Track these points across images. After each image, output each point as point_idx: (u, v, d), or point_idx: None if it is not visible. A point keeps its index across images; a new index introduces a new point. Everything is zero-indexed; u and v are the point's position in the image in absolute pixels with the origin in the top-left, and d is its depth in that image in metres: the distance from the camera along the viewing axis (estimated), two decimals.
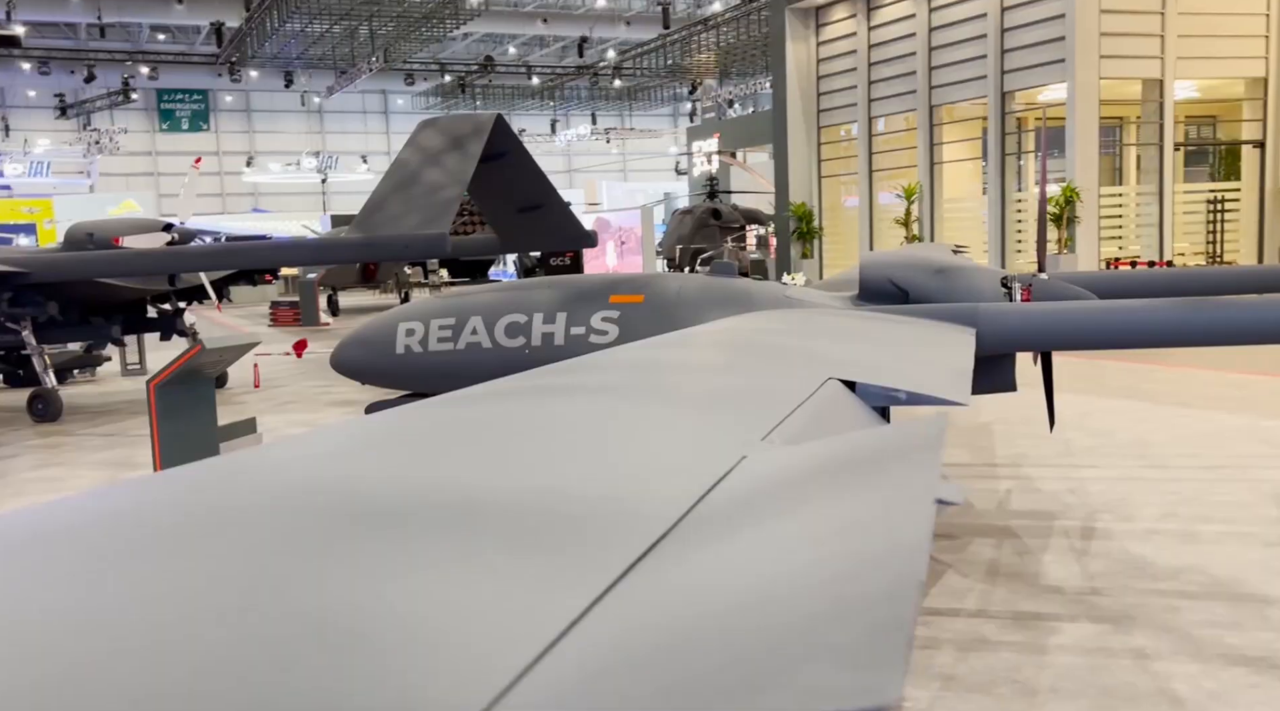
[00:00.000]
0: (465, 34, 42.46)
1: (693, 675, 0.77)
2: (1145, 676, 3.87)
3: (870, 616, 0.85)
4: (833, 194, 25.21)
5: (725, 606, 0.94)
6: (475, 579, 1.00)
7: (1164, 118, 18.94)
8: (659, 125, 58.19)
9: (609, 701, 0.72)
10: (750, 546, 1.10)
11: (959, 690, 3.80)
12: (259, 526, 1.15)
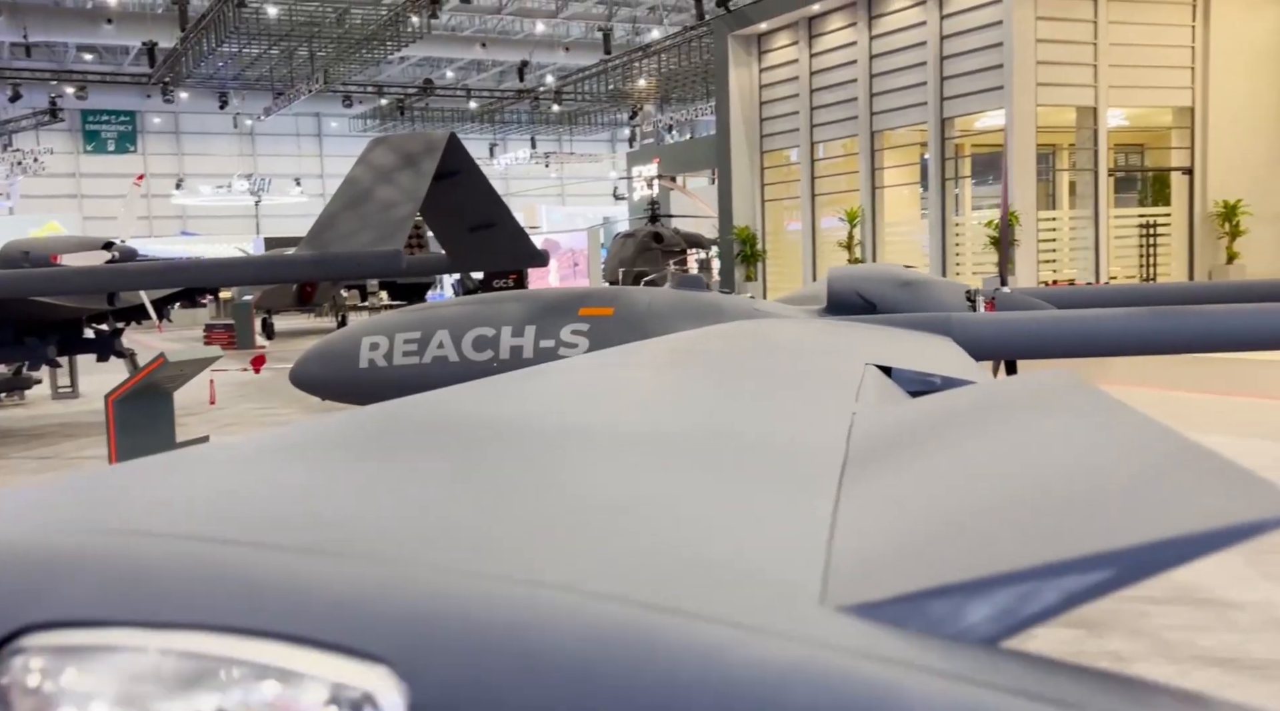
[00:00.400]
0: (403, 58, 42.25)
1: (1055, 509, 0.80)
2: None
3: (1211, 472, 0.86)
4: (776, 217, 25.44)
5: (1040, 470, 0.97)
6: (748, 492, 1.01)
7: (1098, 144, 19.45)
8: (597, 150, 58.38)
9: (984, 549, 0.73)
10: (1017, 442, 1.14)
11: None
12: (538, 440, 1.21)
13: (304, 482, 0.95)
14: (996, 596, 0.70)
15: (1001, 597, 0.71)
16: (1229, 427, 9.25)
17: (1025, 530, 0.78)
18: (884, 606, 0.67)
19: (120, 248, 11.67)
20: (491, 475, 1.01)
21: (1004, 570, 0.70)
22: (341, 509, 0.82)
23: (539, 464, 1.10)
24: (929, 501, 0.92)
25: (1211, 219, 19.90)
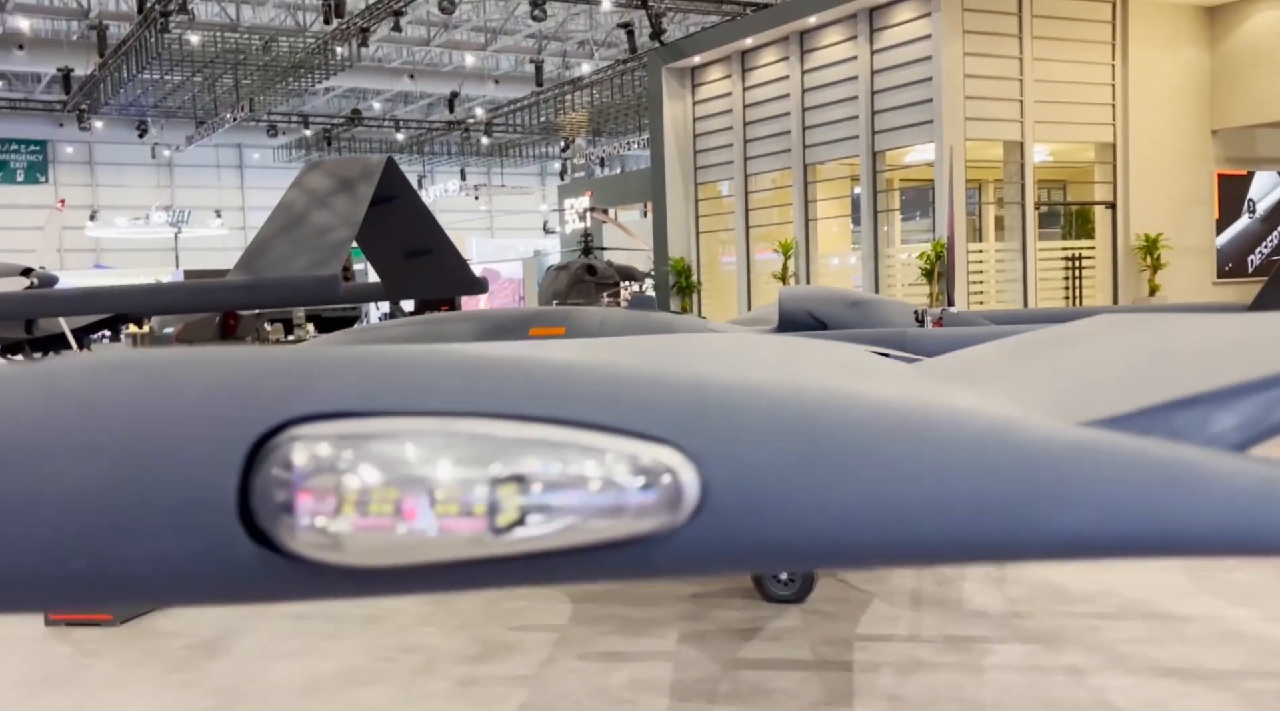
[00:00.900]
0: (328, 89, 41.75)
1: None
2: (1083, 690, 4.07)
3: None
4: (711, 249, 25.52)
5: None
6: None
7: (1025, 179, 19.89)
8: (527, 183, 58.24)
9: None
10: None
11: (906, 708, 3.95)
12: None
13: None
14: (1236, 406, 0.74)
15: (1241, 406, 0.74)
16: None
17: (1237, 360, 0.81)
18: (1130, 418, 0.72)
19: (40, 274, 11.18)
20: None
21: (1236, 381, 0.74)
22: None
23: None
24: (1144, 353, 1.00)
25: (1134, 252, 20.46)
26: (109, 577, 0.61)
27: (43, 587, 0.62)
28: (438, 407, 0.62)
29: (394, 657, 4.83)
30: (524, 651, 4.80)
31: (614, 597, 5.54)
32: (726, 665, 4.52)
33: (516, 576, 0.63)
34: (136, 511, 0.60)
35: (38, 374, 0.65)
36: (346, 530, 0.60)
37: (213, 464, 0.61)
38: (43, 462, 0.61)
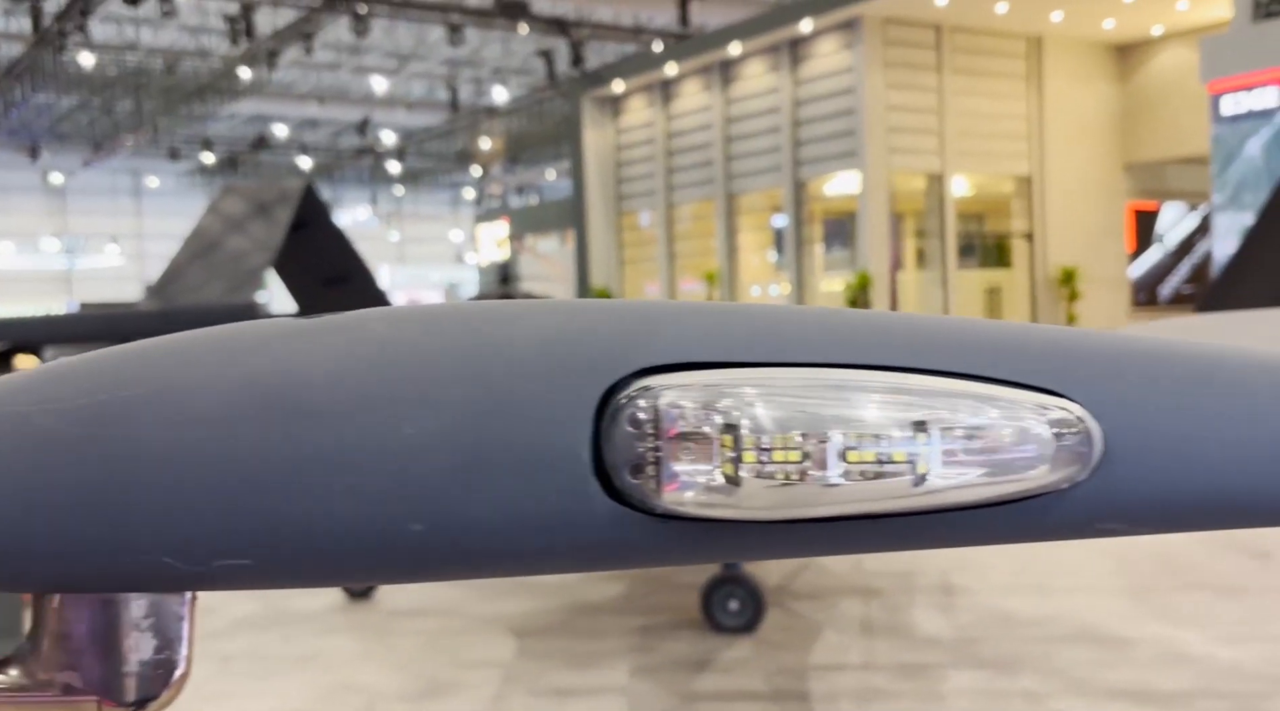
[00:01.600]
0: (231, 114, 40.72)
1: None
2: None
3: None
4: (635, 278, 25.38)
5: None
6: None
7: (945, 210, 20.19)
8: (439, 211, 57.59)
9: None
10: None
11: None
12: None
13: None
14: None
15: None
16: None
17: None
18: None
19: None
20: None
21: None
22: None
23: None
24: None
25: (1052, 282, 20.93)
26: (454, 544, 0.57)
27: (376, 558, 0.57)
28: (799, 359, 0.59)
29: (332, 698, 4.62)
30: (470, 688, 4.64)
31: (560, 631, 5.38)
32: (682, 698, 4.41)
33: (914, 536, 0.60)
34: (481, 470, 0.56)
35: (365, 323, 0.60)
36: (728, 484, 0.56)
37: (563, 417, 0.57)
38: (373, 419, 0.57)
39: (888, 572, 6.42)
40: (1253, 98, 13.68)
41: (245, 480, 0.57)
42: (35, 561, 0.58)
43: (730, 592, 5.25)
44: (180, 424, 0.57)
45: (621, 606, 5.87)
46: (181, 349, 0.61)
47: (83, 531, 0.57)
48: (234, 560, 0.58)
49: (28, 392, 0.60)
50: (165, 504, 0.57)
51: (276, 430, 0.57)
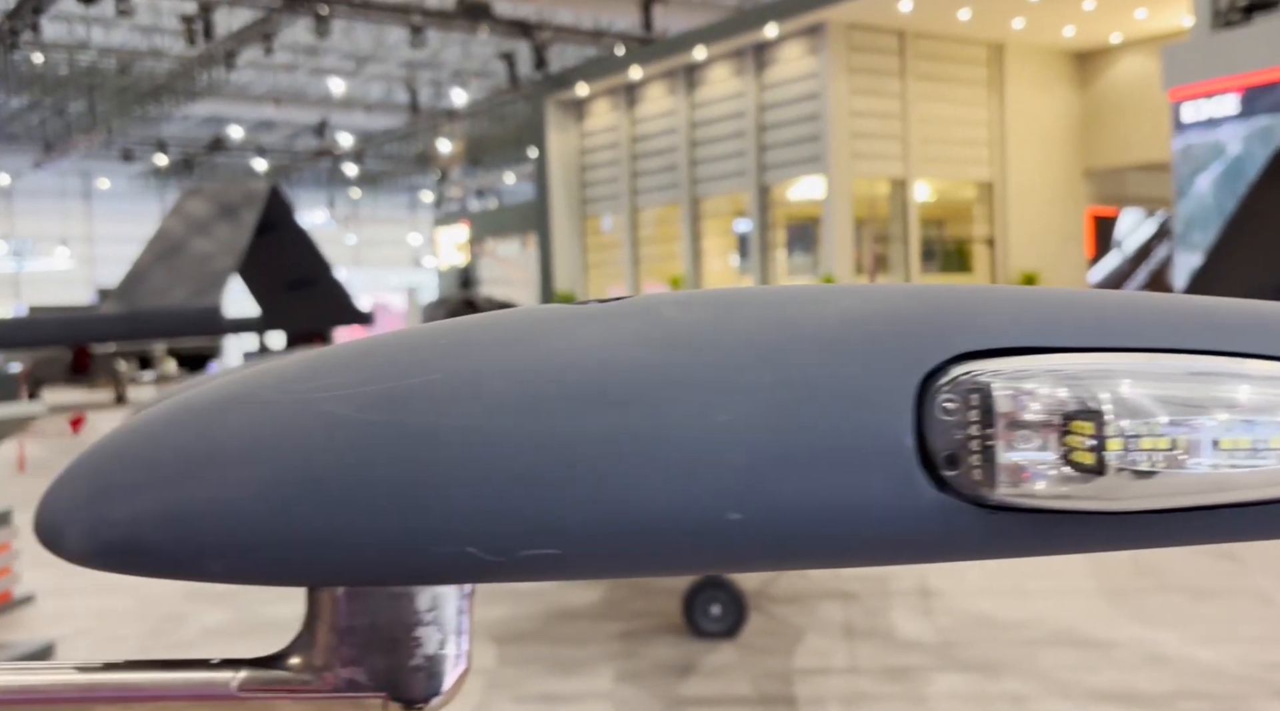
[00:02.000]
0: (185, 115, 40.12)
1: None
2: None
3: None
4: (599, 281, 25.32)
5: None
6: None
7: (908, 215, 20.35)
8: (397, 214, 57.12)
9: None
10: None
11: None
12: None
13: None
14: None
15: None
16: None
17: None
18: None
19: None
20: None
21: None
22: None
23: None
24: None
25: None
26: (773, 534, 0.56)
27: (690, 548, 0.56)
28: (1125, 344, 0.57)
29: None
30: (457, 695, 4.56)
31: (540, 637, 5.33)
32: (669, 703, 4.38)
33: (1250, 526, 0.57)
34: (799, 459, 0.55)
35: (656, 307, 0.59)
36: (1084, 473, 0.54)
37: (882, 403, 0.56)
38: (683, 406, 0.55)
39: (863, 576, 6.45)
40: (1213, 105, 13.91)
41: (552, 469, 0.56)
42: (328, 554, 0.57)
43: (712, 597, 5.21)
44: (479, 410, 0.56)
45: (601, 612, 5.83)
46: (469, 334, 0.59)
47: (379, 523, 0.56)
48: (541, 550, 0.56)
49: (306, 379, 0.59)
50: (468, 493, 0.55)
51: (584, 417, 0.56)
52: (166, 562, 0.61)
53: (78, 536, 0.63)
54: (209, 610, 6.13)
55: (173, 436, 0.61)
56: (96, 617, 6.12)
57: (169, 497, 0.59)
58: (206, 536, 0.58)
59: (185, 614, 6.09)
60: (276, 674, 0.63)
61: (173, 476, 0.59)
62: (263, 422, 0.58)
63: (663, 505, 0.55)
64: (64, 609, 6.33)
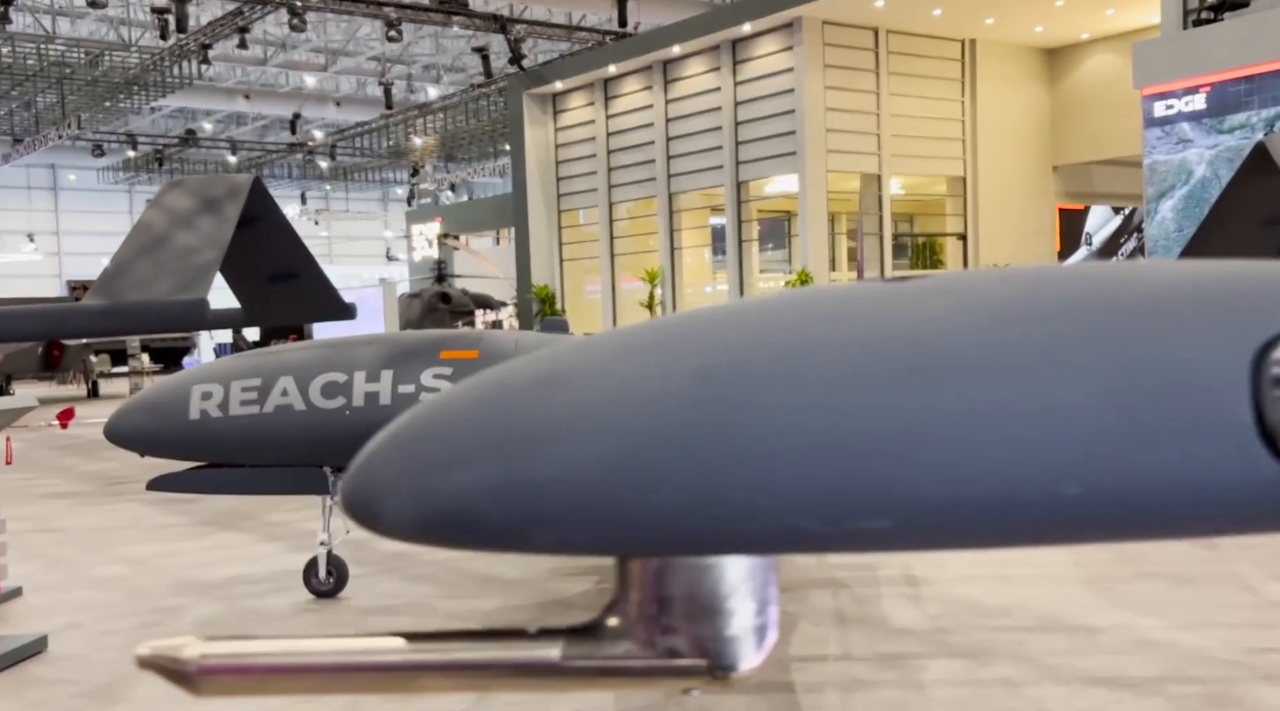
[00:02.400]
0: (154, 108, 39.62)
1: None
2: (1022, 701, 4.13)
3: None
4: (575, 276, 25.30)
5: None
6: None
7: (882, 210, 20.48)
8: (369, 208, 56.72)
9: None
10: None
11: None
12: None
13: None
14: None
15: None
16: None
17: None
18: None
19: None
20: None
21: None
22: None
23: None
24: None
25: None
26: (1110, 507, 0.56)
27: (1027, 520, 0.56)
28: None
29: (313, 699, 4.53)
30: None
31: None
32: (667, 689, 4.36)
33: None
34: (1135, 432, 0.55)
35: (972, 284, 0.59)
36: None
37: (1216, 377, 0.56)
38: (1016, 380, 0.56)
39: (851, 564, 6.49)
40: (1183, 102, 14.11)
41: (887, 443, 0.56)
42: (658, 525, 0.58)
43: None
44: (809, 385, 0.56)
45: (592, 600, 5.85)
46: (776, 312, 0.61)
47: (710, 494, 0.56)
48: (871, 522, 0.56)
49: (624, 356, 0.61)
50: (798, 466, 0.56)
51: (918, 391, 0.56)
52: (493, 535, 0.62)
53: (398, 510, 0.64)
54: (200, 603, 6.10)
55: (492, 412, 0.63)
56: (86, 610, 6.08)
57: (497, 471, 0.60)
58: (536, 508, 0.59)
59: (176, 607, 6.06)
60: (597, 644, 0.63)
61: (499, 451, 0.60)
62: (589, 399, 0.59)
63: (999, 479, 0.55)
64: (52, 603, 6.28)
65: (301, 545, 7.66)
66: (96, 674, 4.87)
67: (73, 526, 9.03)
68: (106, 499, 10.27)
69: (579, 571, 6.56)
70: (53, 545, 8.21)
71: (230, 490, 5.83)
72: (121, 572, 7.10)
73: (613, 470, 0.58)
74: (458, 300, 26.98)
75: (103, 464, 12.99)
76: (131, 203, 52.41)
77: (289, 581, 6.57)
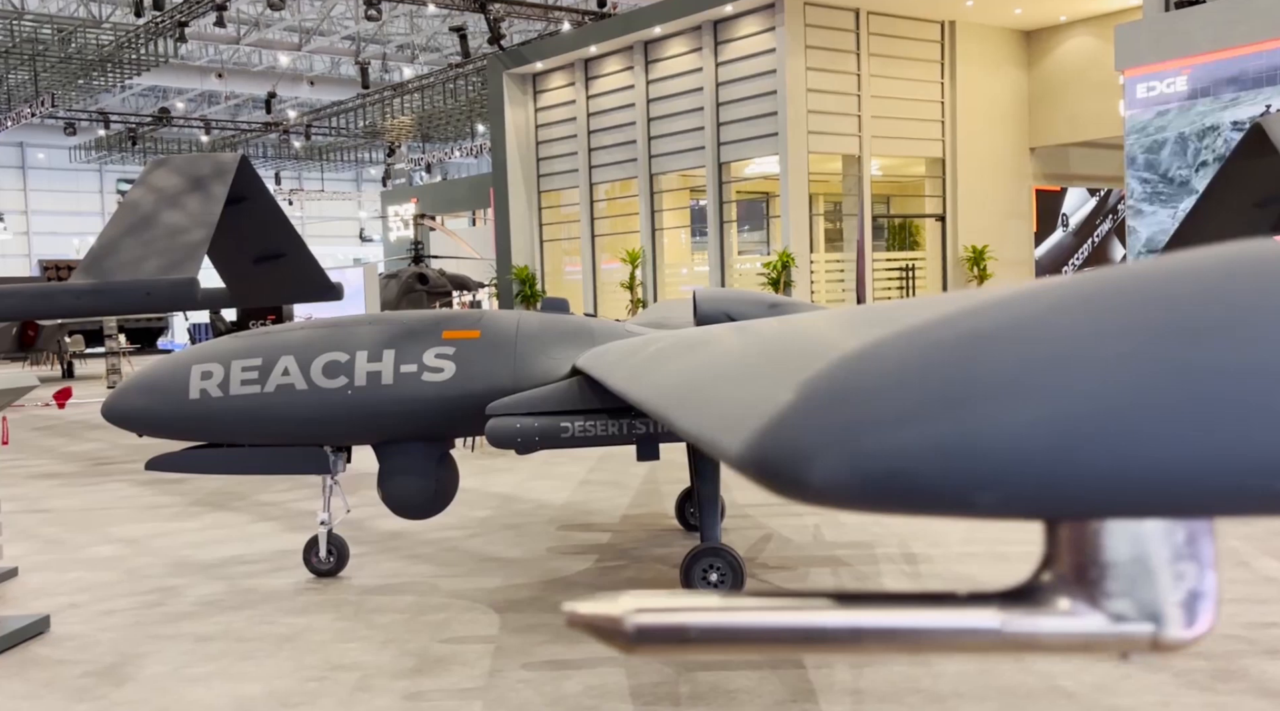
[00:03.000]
0: (125, 86, 39.04)
1: None
2: (1031, 676, 4.18)
3: None
4: (555, 258, 25.20)
5: None
6: None
7: (863, 191, 20.51)
8: (343, 188, 56.22)
9: None
10: None
11: (871, 702, 3.92)
12: None
13: None
14: None
15: None
16: None
17: None
18: None
19: None
20: None
21: None
22: None
23: None
24: None
25: (962, 262, 21.43)
26: None
27: None
28: None
29: (324, 676, 4.44)
30: (463, 663, 4.51)
31: (537, 606, 5.31)
32: (678, 667, 4.36)
33: None
34: None
35: None
36: None
37: None
38: None
39: (847, 543, 6.49)
40: (1164, 83, 14.21)
41: None
42: (1117, 485, 0.57)
43: (710, 564, 5.24)
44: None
45: (594, 579, 5.86)
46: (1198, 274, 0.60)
47: (1176, 453, 0.55)
48: None
49: (1063, 313, 0.59)
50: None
51: None
52: (934, 497, 0.59)
53: (831, 473, 0.61)
54: (199, 583, 6.05)
55: (928, 371, 0.60)
56: (84, 591, 6.01)
57: (943, 431, 0.58)
58: (982, 470, 0.57)
59: (175, 587, 6.01)
60: (1035, 610, 0.62)
61: (944, 410, 0.58)
62: (1038, 357, 0.58)
63: None
64: (49, 583, 6.22)
65: (296, 525, 7.63)
66: (102, 653, 4.85)
67: (63, 507, 8.96)
68: (95, 479, 10.19)
69: (576, 550, 6.56)
70: (44, 525, 8.14)
71: (230, 470, 5.79)
72: (116, 552, 7.04)
73: (1072, 430, 0.56)
74: (435, 281, 26.84)
75: (87, 444, 12.89)
76: (102, 182, 51.71)
77: (287, 561, 6.54)
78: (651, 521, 7.29)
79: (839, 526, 6.89)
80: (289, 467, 5.70)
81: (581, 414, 5.09)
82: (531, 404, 5.11)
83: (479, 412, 5.21)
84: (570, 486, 8.78)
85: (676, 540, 6.67)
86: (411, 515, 5.67)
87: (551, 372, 5.40)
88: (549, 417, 5.07)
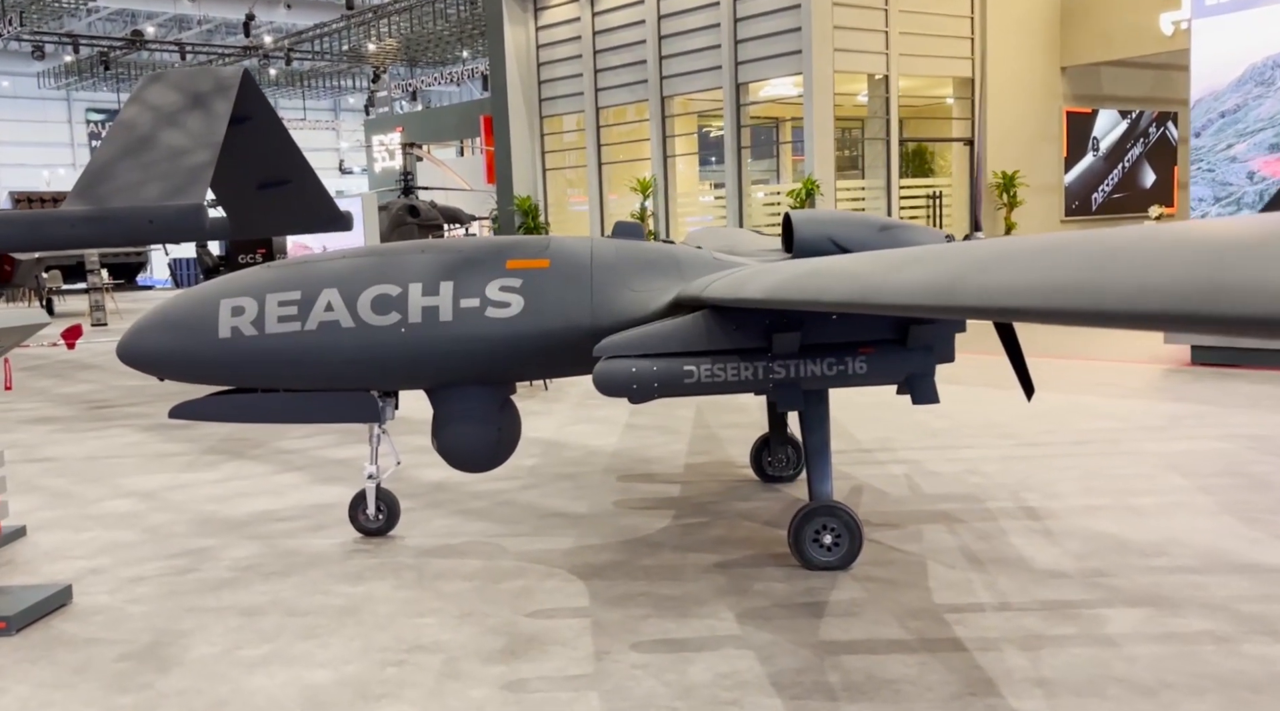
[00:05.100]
0: (91, 9, 37.37)
1: None
2: (1247, 661, 3.54)
3: None
4: (559, 187, 24.21)
5: None
6: None
7: (890, 114, 19.53)
8: (321, 118, 54.69)
9: None
10: None
11: (1066, 695, 3.33)
12: None
13: None
14: None
15: None
16: (1083, 389, 9.24)
17: None
18: None
19: None
20: None
21: None
22: None
23: None
24: None
25: (990, 189, 20.57)
26: None
27: None
28: None
29: (402, 660, 3.84)
30: (561, 643, 3.93)
31: (624, 572, 4.70)
32: (816, 650, 3.74)
33: None
34: None
35: None
36: None
37: None
38: None
39: (951, 495, 5.88)
40: None
41: None
42: None
43: (824, 526, 4.57)
44: None
45: (677, 538, 5.20)
46: None
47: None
48: None
49: None
50: None
51: None
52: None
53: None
54: (232, 544, 5.37)
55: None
56: (104, 553, 5.31)
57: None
58: None
59: (206, 548, 5.32)
60: None
61: None
62: None
63: None
64: (63, 544, 5.49)
65: (325, 475, 6.91)
66: (137, 630, 4.19)
67: (64, 454, 8.17)
68: (94, 424, 9.39)
69: (646, 504, 5.88)
70: (47, 476, 7.37)
71: (265, 418, 5.12)
72: (132, 508, 6.30)
73: None
74: (426, 213, 25.87)
75: (79, 385, 12.06)
76: (70, 112, 50.35)
77: (325, 517, 5.87)
78: (720, 470, 6.62)
79: (930, 475, 6.36)
80: (332, 415, 5.06)
81: (710, 355, 4.35)
82: (648, 343, 4.36)
83: (549, 353, 4.73)
84: (616, 430, 8.09)
85: (756, 493, 6.04)
86: (470, 468, 5.08)
87: (638, 307, 4.71)
88: (671, 359, 4.33)
